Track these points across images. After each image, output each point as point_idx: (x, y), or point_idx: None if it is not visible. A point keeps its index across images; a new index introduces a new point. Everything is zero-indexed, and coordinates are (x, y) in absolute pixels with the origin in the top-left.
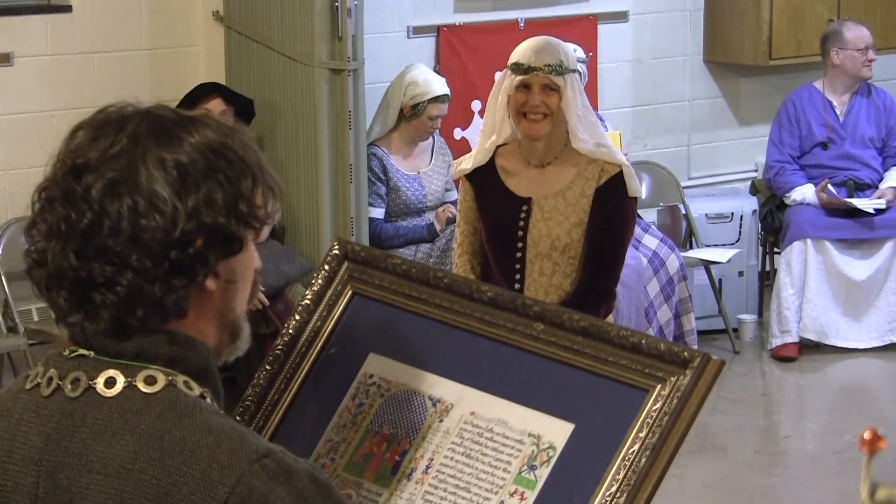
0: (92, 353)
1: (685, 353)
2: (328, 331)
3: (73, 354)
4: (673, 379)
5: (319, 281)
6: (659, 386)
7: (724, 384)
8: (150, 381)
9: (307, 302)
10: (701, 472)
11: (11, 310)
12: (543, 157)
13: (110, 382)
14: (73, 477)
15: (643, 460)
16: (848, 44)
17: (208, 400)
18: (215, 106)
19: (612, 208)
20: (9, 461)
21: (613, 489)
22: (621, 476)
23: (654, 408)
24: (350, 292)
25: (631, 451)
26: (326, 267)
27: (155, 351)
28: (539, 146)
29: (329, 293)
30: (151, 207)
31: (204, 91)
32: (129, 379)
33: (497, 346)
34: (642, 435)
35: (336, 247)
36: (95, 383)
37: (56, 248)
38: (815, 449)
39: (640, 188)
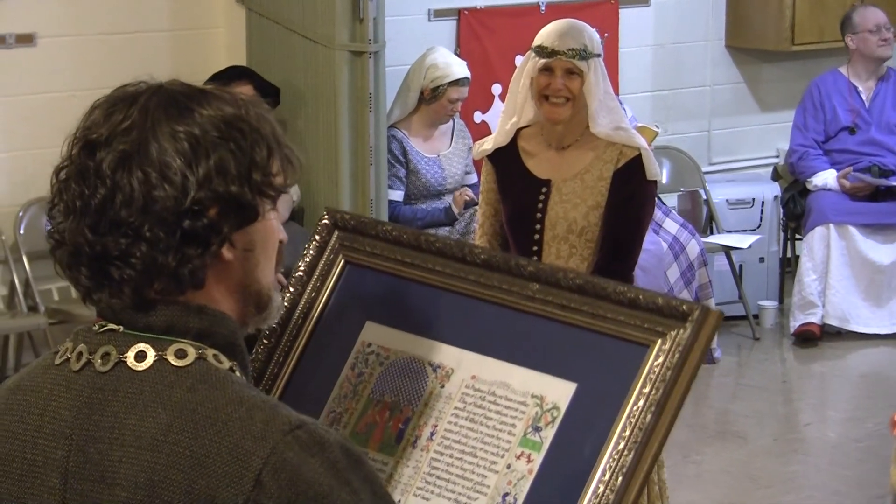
0: (121, 328)
1: (683, 307)
2: (323, 301)
3: (102, 329)
4: (673, 333)
5: (311, 251)
6: (659, 341)
7: (743, 371)
8: (181, 354)
9: (300, 273)
10: (720, 458)
11: (32, 289)
12: (563, 140)
13: (141, 356)
14: (105, 450)
15: (649, 416)
16: (857, 27)
17: (237, 373)
18: (245, 92)
19: (629, 192)
20: (39, 435)
21: (621, 446)
22: (628, 433)
23: (657, 363)
24: (342, 261)
25: (636, 407)
26: (317, 237)
27: (185, 325)
28: (559, 129)
29: (321, 263)
30: (162, 178)
31: (235, 75)
32: (159, 353)
33: (493, 308)
34: (646, 391)
35: (325, 216)
36: (126, 357)
37: (73, 225)
38: (836, 436)
39: (660, 172)
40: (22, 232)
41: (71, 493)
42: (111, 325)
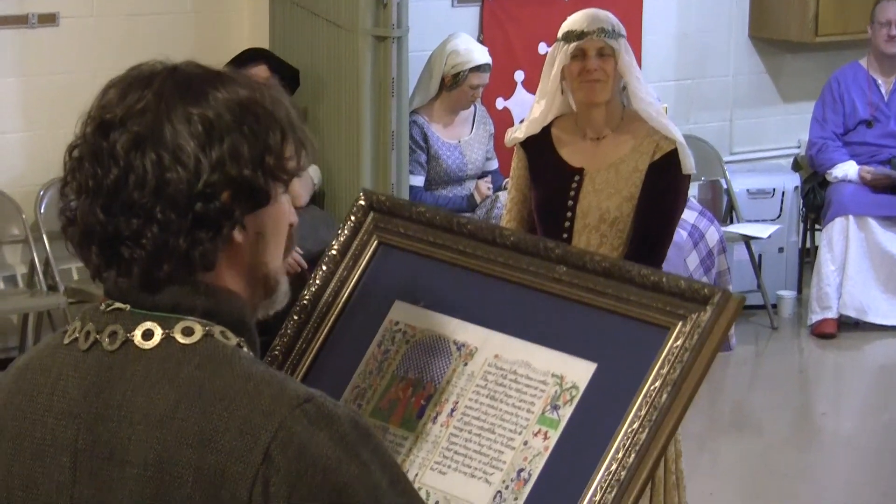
0: (128, 307)
1: (705, 290)
2: (354, 280)
3: (109, 308)
4: (693, 316)
5: (346, 231)
6: (680, 323)
7: (761, 360)
8: (188, 332)
9: (333, 252)
10: (736, 448)
11: (52, 268)
12: (601, 129)
13: (148, 335)
14: (114, 429)
15: (664, 396)
16: (875, 18)
17: (245, 350)
18: (260, 73)
19: (664, 185)
20: (48, 415)
21: (636, 425)
22: (643, 413)
23: (676, 344)
24: (376, 242)
25: (653, 387)
26: (352, 218)
27: (191, 303)
28: (597, 115)
29: (355, 243)
30: (175, 160)
31: (250, 57)
32: (166, 331)
33: (520, 289)
34: (664, 372)
35: (362, 197)
36: (133, 336)
37: (85, 204)
38: (852, 428)
39: (694, 165)
40: (42, 211)
41: (81, 471)
42: (118, 305)
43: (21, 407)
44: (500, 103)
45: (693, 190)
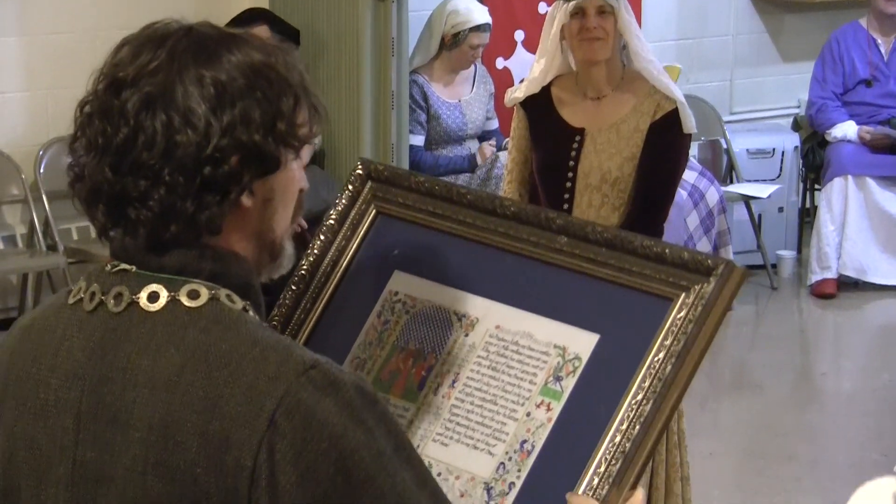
0: (134, 268)
1: (709, 262)
2: (353, 250)
3: (114, 269)
4: (697, 287)
5: (343, 201)
6: (683, 294)
7: (761, 320)
8: (194, 295)
9: (331, 222)
10: (736, 407)
11: (52, 228)
12: (601, 89)
13: (153, 297)
14: (118, 391)
15: (669, 367)
16: None
17: (251, 313)
18: (261, 33)
19: (665, 145)
20: (51, 376)
21: (640, 397)
22: (647, 384)
23: (679, 316)
24: (374, 212)
25: (656, 359)
26: (350, 187)
27: (197, 266)
28: (598, 75)
29: (353, 213)
30: (185, 123)
31: (250, 17)
32: (172, 293)
33: (521, 260)
34: (667, 343)
35: (359, 166)
36: (138, 298)
37: (93, 162)
38: (852, 387)
39: (695, 125)
40: (42, 171)
41: (84, 433)
42: (124, 266)
43: (25, 367)
44: (500, 63)
45: (693, 150)
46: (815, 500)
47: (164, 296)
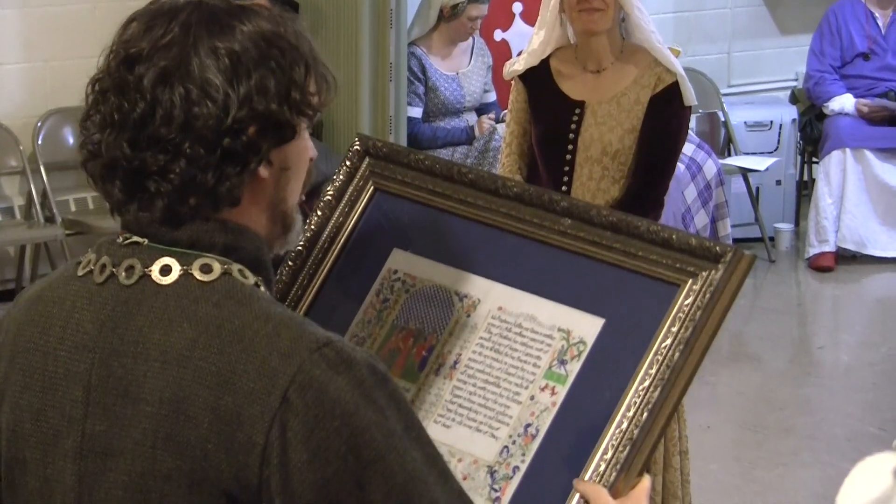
0: (146, 241)
1: (717, 248)
2: (350, 227)
3: (126, 242)
4: (705, 274)
5: (341, 177)
6: (690, 281)
7: (759, 293)
8: (206, 269)
9: (328, 198)
10: (734, 380)
11: (49, 200)
12: (601, 61)
13: (166, 270)
14: (129, 365)
15: (677, 355)
16: None
17: (262, 289)
18: (261, 4)
19: (666, 118)
20: (61, 348)
21: (647, 384)
22: (654, 371)
23: (686, 302)
24: (371, 188)
25: (664, 345)
26: (348, 163)
27: (210, 239)
28: (597, 46)
29: (350, 189)
30: (204, 95)
31: None
32: (184, 267)
33: (524, 241)
34: (675, 329)
35: (357, 142)
36: (150, 271)
37: (109, 138)
38: (850, 360)
39: (695, 97)
40: (40, 143)
41: (94, 406)
42: (136, 238)
43: (33, 338)
44: (498, 35)
45: (691, 122)
46: (812, 472)
47: (176, 269)
